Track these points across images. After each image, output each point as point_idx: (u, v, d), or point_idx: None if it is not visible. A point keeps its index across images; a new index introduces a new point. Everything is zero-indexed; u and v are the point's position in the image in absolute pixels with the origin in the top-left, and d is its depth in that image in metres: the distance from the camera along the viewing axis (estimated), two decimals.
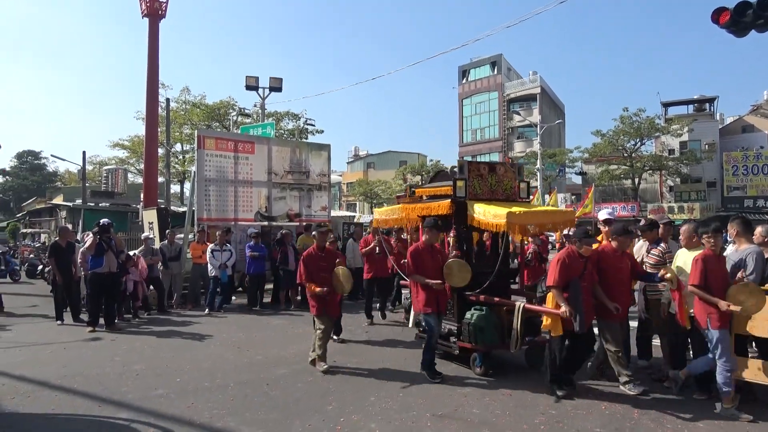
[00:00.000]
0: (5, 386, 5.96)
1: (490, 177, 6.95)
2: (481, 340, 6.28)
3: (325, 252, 7.00)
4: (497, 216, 6.05)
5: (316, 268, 6.76)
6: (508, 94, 49.10)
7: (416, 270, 6.32)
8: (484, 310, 6.38)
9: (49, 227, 30.62)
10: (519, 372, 6.51)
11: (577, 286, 5.44)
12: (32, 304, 12.49)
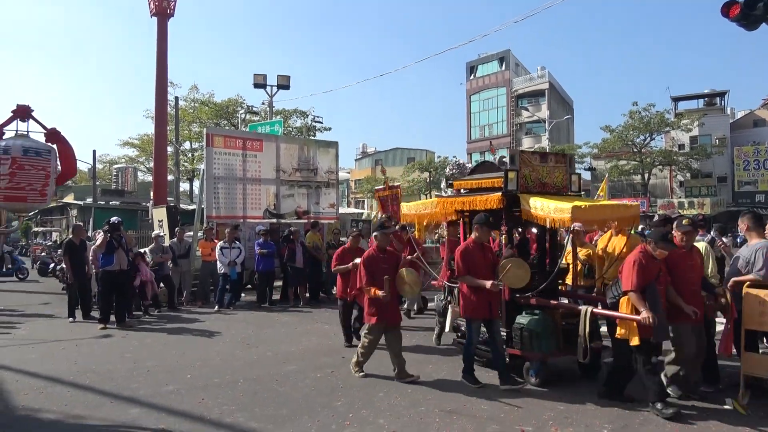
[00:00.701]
0: (19, 382, 6.04)
1: (542, 168, 6.33)
2: (538, 347, 5.76)
3: (387, 253, 6.39)
4: (559, 210, 5.45)
5: (378, 271, 6.09)
6: (516, 90, 48.92)
7: (466, 270, 5.78)
8: (538, 314, 5.89)
9: (60, 226, 30.88)
10: None
11: (654, 290, 4.89)
12: (44, 301, 12.62)
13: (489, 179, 6.40)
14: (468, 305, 5.80)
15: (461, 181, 6.95)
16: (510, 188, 6.01)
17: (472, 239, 5.95)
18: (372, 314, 6.09)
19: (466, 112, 52.58)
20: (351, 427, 4.67)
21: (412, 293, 6.34)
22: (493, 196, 6.10)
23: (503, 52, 50.32)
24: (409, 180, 46.17)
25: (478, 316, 5.78)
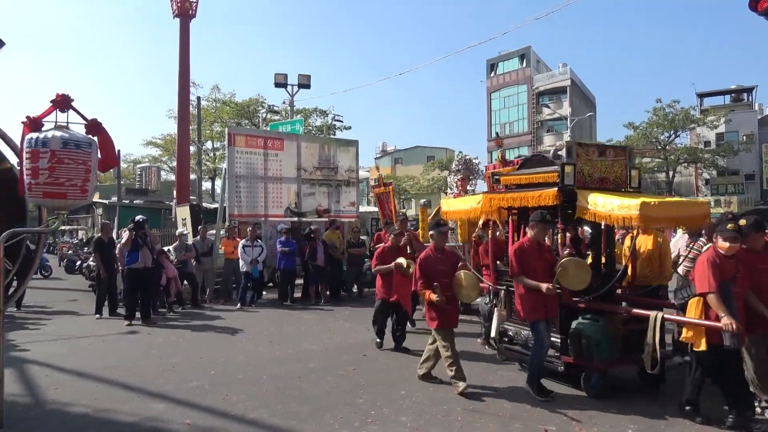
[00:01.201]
0: (48, 377, 6.18)
1: (600, 162, 5.88)
2: (598, 356, 5.28)
3: (445, 253, 5.96)
4: (625, 207, 5.01)
5: (435, 273, 5.74)
6: (537, 87, 48.44)
7: (521, 271, 5.45)
8: (598, 320, 5.39)
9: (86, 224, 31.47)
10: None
11: (729, 291, 4.47)
12: (71, 298, 12.88)
13: (542, 174, 5.94)
14: (527, 307, 5.46)
15: (510, 177, 6.56)
16: (567, 183, 5.54)
17: (528, 238, 5.62)
18: (432, 318, 5.73)
19: (486, 110, 52.22)
20: (373, 425, 4.69)
21: (470, 298, 5.84)
22: (547, 191, 5.64)
23: (524, 49, 49.85)
24: (428, 178, 46.05)
25: (540, 316, 5.41)
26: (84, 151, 4.33)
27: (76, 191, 4.30)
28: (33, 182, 4.28)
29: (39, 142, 4.22)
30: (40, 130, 4.34)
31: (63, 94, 4.43)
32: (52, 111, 4.40)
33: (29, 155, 4.26)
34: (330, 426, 4.67)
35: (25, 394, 5.58)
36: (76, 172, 4.28)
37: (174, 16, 24.20)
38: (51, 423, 4.78)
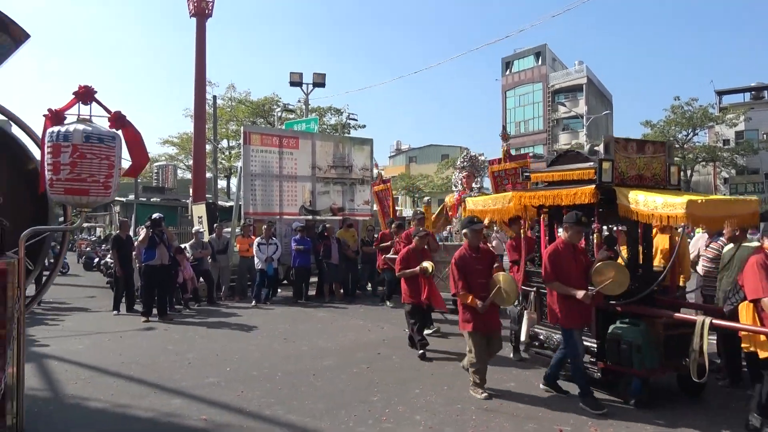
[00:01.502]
0: (68, 372, 6.28)
1: (639, 158, 5.56)
2: (639, 363, 4.95)
3: (481, 252, 5.63)
4: (669, 205, 4.71)
5: (471, 273, 5.44)
6: (552, 85, 48.11)
7: (555, 276, 5.15)
8: (639, 324, 5.09)
9: (104, 221, 31.90)
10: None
11: None
12: (89, 295, 13.07)
13: (577, 170, 5.63)
14: (564, 312, 5.16)
15: (541, 173, 6.30)
16: (605, 180, 5.27)
17: (562, 240, 5.29)
18: (467, 320, 5.41)
19: (501, 108, 52.01)
20: (387, 423, 4.70)
21: (509, 301, 5.47)
22: (583, 189, 5.35)
23: (539, 47, 49.55)
24: (442, 177, 45.98)
25: (576, 324, 5.14)
26: (107, 146, 4.11)
27: (99, 188, 4.10)
28: (54, 178, 4.07)
29: (60, 135, 4.01)
30: (63, 123, 4.15)
31: (85, 86, 4.24)
32: (74, 103, 4.21)
33: (50, 150, 4.06)
34: (345, 423, 4.69)
35: (45, 389, 5.67)
36: (99, 167, 4.06)
37: (190, 16, 24.38)
38: (71, 417, 4.86)
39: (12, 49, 4.48)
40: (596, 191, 5.26)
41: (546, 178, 6.13)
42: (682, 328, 4.98)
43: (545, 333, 5.97)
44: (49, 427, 4.60)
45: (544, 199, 5.84)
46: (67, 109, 4.21)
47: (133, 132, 4.37)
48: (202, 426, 4.65)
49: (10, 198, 4.65)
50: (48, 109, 4.22)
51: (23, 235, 3.89)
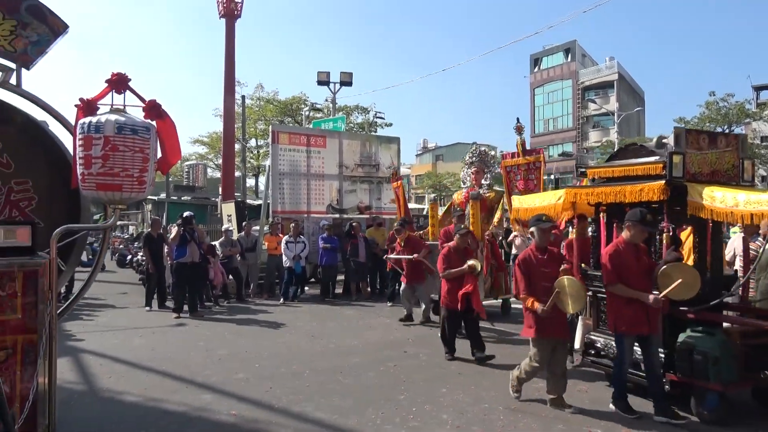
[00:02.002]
0: (102, 366, 6.45)
1: (711, 153, 5.16)
2: (715, 375, 4.53)
3: (548, 254, 5.18)
4: (754, 203, 4.27)
5: (537, 276, 5.05)
6: (582, 82, 47.39)
7: (617, 278, 4.77)
8: (714, 333, 4.71)
9: (136, 219, 32.58)
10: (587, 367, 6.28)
11: None
12: (122, 291, 13.38)
13: (641, 165, 5.20)
14: (620, 317, 4.79)
15: (599, 168, 5.84)
16: (675, 175, 4.84)
17: (624, 240, 4.87)
18: (529, 326, 5.05)
19: (529, 106, 51.44)
20: (414, 421, 4.71)
21: (575, 308, 4.93)
22: (651, 185, 4.92)
23: (569, 43, 48.84)
24: None
25: (633, 331, 4.75)
26: (141, 137, 3.79)
27: (133, 182, 3.79)
28: (86, 173, 3.76)
29: (92, 127, 3.70)
30: (95, 113, 3.87)
31: (119, 73, 3.95)
32: (107, 92, 3.94)
33: (82, 142, 3.75)
34: (372, 421, 4.71)
35: (81, 382, 5.84)
36: (132, 160, 3.75)
37: (220, 17, 24.75)
38: (106, 411, 4.99)
39: (51, 41, 4.39)
40: (666, 187, 4.83)
41: (604, 174, 5.67)
42: (763, 337, 4.66)
43: (603, 341, 5.54)
44: (85, 420, 4.73)
45: (604, 196, 5.40)
46: (99, 99, 3.94)
47: (169, 123, 4.11)
48: (232, 421, 4.73)
49: (48, 197, 4.63)
50: (80, 98, 3.94)
51: (54, 234, 3.65)
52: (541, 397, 5.24)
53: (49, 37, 4.35)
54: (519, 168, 9.15)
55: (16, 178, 4.54)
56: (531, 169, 8.81)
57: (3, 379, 3.29)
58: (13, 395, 3.35)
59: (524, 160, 8.96)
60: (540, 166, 8.82)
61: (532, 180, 8.77)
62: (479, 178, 10.25)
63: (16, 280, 3.39)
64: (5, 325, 3.37)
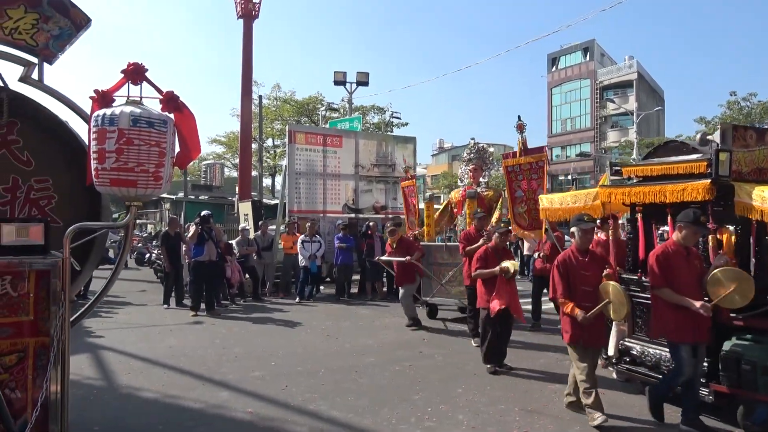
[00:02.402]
0: (121, 363, 6.54)
1: (759, 150, 4.88)
2: (765, 386, 4.28)
3: (590, 256, 4.89)
4: None
5: (577, 280, 4.76)
6: (601, 82, 46.89)
7: (665, 282, 4.46)
8: (763, 341, 4.45)
9: (154, 218, 32.96)
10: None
11: None
12: (141, 289, 13.54)
13: (682, 163, 4.95)
14: (667, 324, 4.51)
15: (636, 167, 5.56)
16: (722, 174, 4.58)
17: (673, 241, 4.58)
18: (566, 330, 4.80)
19: (547, 106, 51.04)
20: (429, 421, 4.70)
21: (617, 316, 4.66)
22: (695, 184, 4.66)
23: (587, 42, 48.34)
24: None
25: (686, 338, 4.42)
26: (158, 131, 3.57)
27: (148, 178, 3.57)
28: (99, 167, 3.54)
29: (106, 119, 3.49)
30: (111, 105, 3.65)
31: (135, 63, 3.73)
32: (123, 83, 3.73)
33: (96, 135, 3.54)
34: (387, 421, 4.71)
35: (100, 378, 5.93)
36: (148, 155, 3.53)
37: (237, 18, 24.92)
38: (124, 406, 5.06)
39: (73, 35, 4.30)
40: (711, 187, 4.56)
41: (642, 173, 5.42)
42: None
43: (639, 347, 5.30)
44: (105, 415, 4.80)
45: (643, 196, 5.16)
46: (115, 90, 3.74)
47: (188, 116, 3.86)
48: (249, 419, 4.76)
49: (68, 196, 4.53)
50: (95, 90, 3.71)
51: (67, 233, 3.46)
52: (558, 398, 5.20)
53: (71, 31, 4.28)
54: (521, 168, 8.62)
55: (36, 176, 4.48)
56: (534, 168, 8.43)
57: (15, 384, 3.21)
58: (25, 400, 3.21)
59: (526, 160, 8.51)
60: (543, 165, 8.46)
61: (535, 180, 8.41)
62: (477, 175, 9.87)
63: (28, 280, 3.27)
64: (17, 327, 3.25)
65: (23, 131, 4.46)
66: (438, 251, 9.37)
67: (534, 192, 8.25)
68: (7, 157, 4.44)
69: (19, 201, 4.50)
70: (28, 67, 4.31)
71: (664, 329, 4.57)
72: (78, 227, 3.57)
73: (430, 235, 10.06)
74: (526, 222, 8.50)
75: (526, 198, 8.45)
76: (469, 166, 10.03)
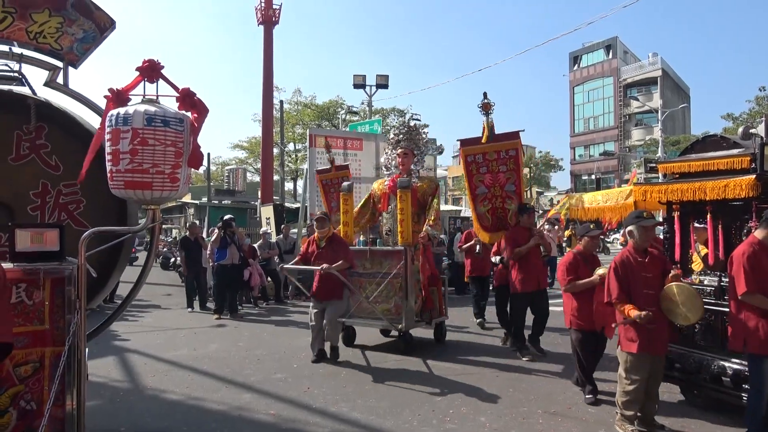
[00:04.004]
0: (146, 365, 6.64)
1: None
2: None
3: (649, 256, 4.46)
4: None
5: (638, 282, 4.34)
6: (624, 79, 46.30)
7: (756, 284, 3.94)
8: None
9: (179, 223, 33.48)
10: None
11: None
12: (166, 293, 13.75)
13: (723, 158, 4.69)
14: (755, 335, 3.96)
15: (672, 163, 5.27)
16: (767, 169, 4.35)
17: (758, 240, 4.10)
18: (630, 339, 4.32)
19: (569, 105, 50.53)
20: (451, 423, 4.67)
21: (686, 320, 4.27)
22: (738, 180, 4.40)
23: (610, 40, 47.79)
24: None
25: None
26: (174, 130, 3.36)
27: (164, 180, 3.37)
28: (113, 169, 3.36)
29: (120, 119, 3.30)
30: (126, 105, 3.48)
31: (150, 60, 3.53)
32: (139, 81, 3.54)
33: (110, 136, 3.35)
34: (409, 422, 4.70)
35: (126, 380, 6.03)
36: (164, 155, 3.33)
37: (258, 24, 25.23)
38: (150, 408, 5.13)
39: (98, 38, 4.30)
40: (757, 182, 4.31)
41: (679, 169, 5.14)
42: None
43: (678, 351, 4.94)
44: (131, 417, 4.87)
45: (681, 194, 4.90)
46: (131, 89, 3.56)
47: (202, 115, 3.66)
48: (271, 420, 4.79)
49: (96, 200, 4.53)
50: (109, 88, 3.53)
51: (82, 238, 3.27)
52: (582, 400, 5.13)
53: (95, 34, 4.31)
54: (485, 158, 7.00)
55: (65, 180, 4.50)
56: (502, 159, 6.92)
57: (30, 396, 3.12)
58: (41, 412, 3.06)
59: (492, 147, 6.97)
60: (516, 154, 6.88)
61: (503, 173, 6.97)
62: (407, 162, 7.63)
63: (43, 287, 3.16)
64: (32, 336, 3.13)
65: (51, 136, 4.47)
66: (359, 257, 7.41)
67: (502, 188, 7.00)
68: (36, 162, 4.47)
69: (48, 206, 4.53)
70: (53, 71, 4.35)
71: (750, 341, 4.02)
72: (93, 232, 3.41)
73: (348, 236, 7.61)
74: (489, 223, 7.23)
75: (491, 195, 6.89)
76: (397, 150, 7.77)
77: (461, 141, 7.27)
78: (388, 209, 7.69)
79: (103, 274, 4.48)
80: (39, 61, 4.38)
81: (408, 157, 7.68)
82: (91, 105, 4.52)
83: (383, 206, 7.79)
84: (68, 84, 4.43)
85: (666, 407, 4.86)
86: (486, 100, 7.04)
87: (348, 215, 7.77)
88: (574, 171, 49.56)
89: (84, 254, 3.25)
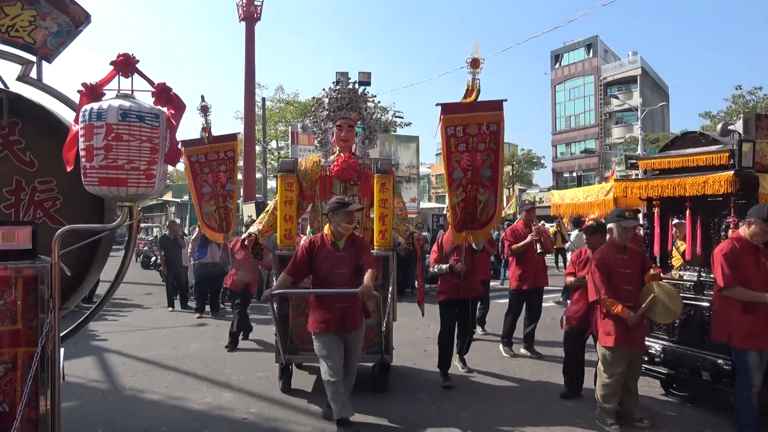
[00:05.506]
0: (125, 365, 6.55)
1: None
2: None
3: (628, 252, 4.55)
4: None
5: (618, 278, 4.41)
6: (605, 78, 46.73)
7: (735, 279, 4.03)
8: None
9: (160, 222, 33.08)
10: None
11: None
12: (147, 292, 13.57)
13: (703, 155, 4.75)
14: (738, 329, 4.06)
15: (653, 159, 5.33)
16: (745, 166, 4.40)
17: (741, 237, 4.18)
18: (607, 333, 4.39)
19: (551, 103, 50.91)
20: (433, 419, 4.69)
21: (667, 317, 4.39)
22: (717, 176, 4.46)
23: (591, 39, 48.19)
24: None
25: (762, 345, 4.04)
26: (149, 125, 3.30)
27: (139, 176, 3.30)
28: (87, 166, 3.28)
29: (93, 114, 3.24)
30: (100, 100, 3.38)
31: (125, 54, 3.45)
32: (113, 76, 3.45)
33: (83, 131, 3.28)
34: (392, 419, 4.71)
35: (104, 381, 5.93)
36: (139, 151, 3.26)
37: (240, 20, 24.99)
38: (128, 408, 5.05)
39: (73, 33, 4.20)
40: (735, 178, 4.36)
41: (659, 166, 5.23)
42: None
43: (659, 346, 5.01)
44: (109, 417, 4.79)
45: (661, 190, 4.97)
46: (105, 84, 3.47)
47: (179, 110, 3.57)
48: (252, 419, 4.75)
49: (72, 197, 4.35)
50: (82, 83, 3.43)
51: (56, 235, 3.21)
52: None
53: (69, 28, 4.18)
54: (465, 131, 5.44)
55: (40, 177, 4.36)
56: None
57: (3, 397, 3.05)
58: (13, 414, 2.98)
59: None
60: (497, 130, 5.44)
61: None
62: (350, 137, 5.99)
63: (15, 286, 3.07)
64: (4, 336, 3.07)
65: (25, 131, 4.31)
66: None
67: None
68: (10, 159, 4.32)
69: (23, 203, 4.37)
70: (26, 66, 4.21)
71: (731, 334, 4.11)
72: (66, 229, 3.34)
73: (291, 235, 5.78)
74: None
75: (465, 181, 5.52)
76: (336, 121, 5.98)
77: (443, 106, 5.34)
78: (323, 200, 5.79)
79: (80, 273, 4.36)
80: (11, 55, 4.24)
81: (351, 131, 5.95)
82: (65, 100, 4.40)
83: (321, 194, 5.87)
84: (42, 79, 4.30)
85: (645, 401, 4.91)
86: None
87: (291, 206, 5.74)
88: (556, 168, 49.95)
89: (58, 252, 3.17)
